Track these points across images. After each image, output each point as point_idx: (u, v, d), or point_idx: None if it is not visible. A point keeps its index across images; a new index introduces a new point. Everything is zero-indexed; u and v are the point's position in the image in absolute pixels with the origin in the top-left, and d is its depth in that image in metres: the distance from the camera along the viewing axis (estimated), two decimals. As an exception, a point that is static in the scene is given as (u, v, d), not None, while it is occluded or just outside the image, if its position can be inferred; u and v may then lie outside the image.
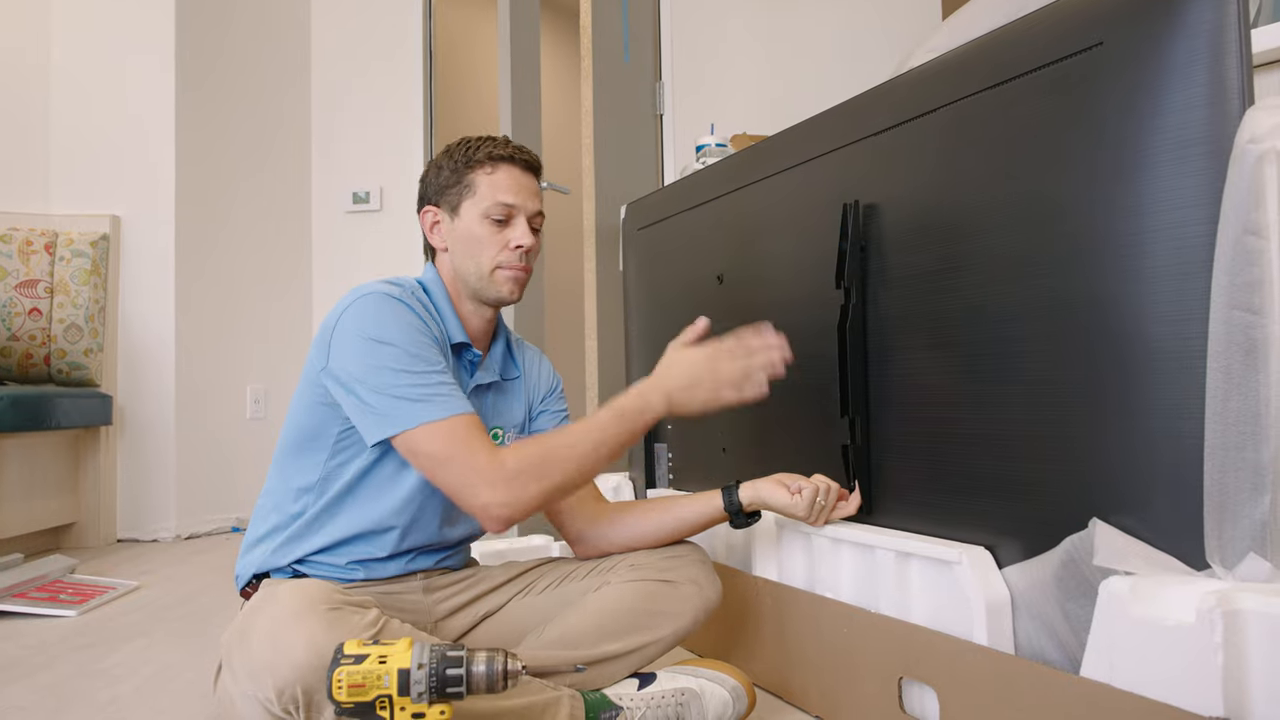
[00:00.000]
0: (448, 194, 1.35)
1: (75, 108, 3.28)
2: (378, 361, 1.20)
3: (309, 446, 1.29)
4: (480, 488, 1.17)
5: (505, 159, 1.34)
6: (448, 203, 1.35)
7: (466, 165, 1.34)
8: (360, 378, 1.20)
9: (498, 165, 1.33)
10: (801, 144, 1.52)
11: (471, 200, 1.33)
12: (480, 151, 1.34)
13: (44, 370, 3.01)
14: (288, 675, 0.99)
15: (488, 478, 1.17)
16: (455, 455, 1.18)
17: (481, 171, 1.33)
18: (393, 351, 1.20)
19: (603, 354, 3.18)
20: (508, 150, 1.34)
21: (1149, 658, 0.89)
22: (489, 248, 1.32)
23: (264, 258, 3.66)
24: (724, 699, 1.27)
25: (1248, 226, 0.87)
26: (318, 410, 1.27)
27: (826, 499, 1.36)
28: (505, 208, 1.32)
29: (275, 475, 1.33)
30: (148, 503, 3.22)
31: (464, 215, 1.33)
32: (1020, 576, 1.09)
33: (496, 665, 0.93)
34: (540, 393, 1.49)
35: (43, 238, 3.04)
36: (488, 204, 1.32)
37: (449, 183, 1.35)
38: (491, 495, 1.17)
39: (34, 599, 2.12)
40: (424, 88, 3.79)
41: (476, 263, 1.33)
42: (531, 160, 1.37)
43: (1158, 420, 0.94)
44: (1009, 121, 1.12)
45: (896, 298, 1.30)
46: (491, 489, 1.17)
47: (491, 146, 1.34)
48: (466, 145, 1.35)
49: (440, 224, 1.37)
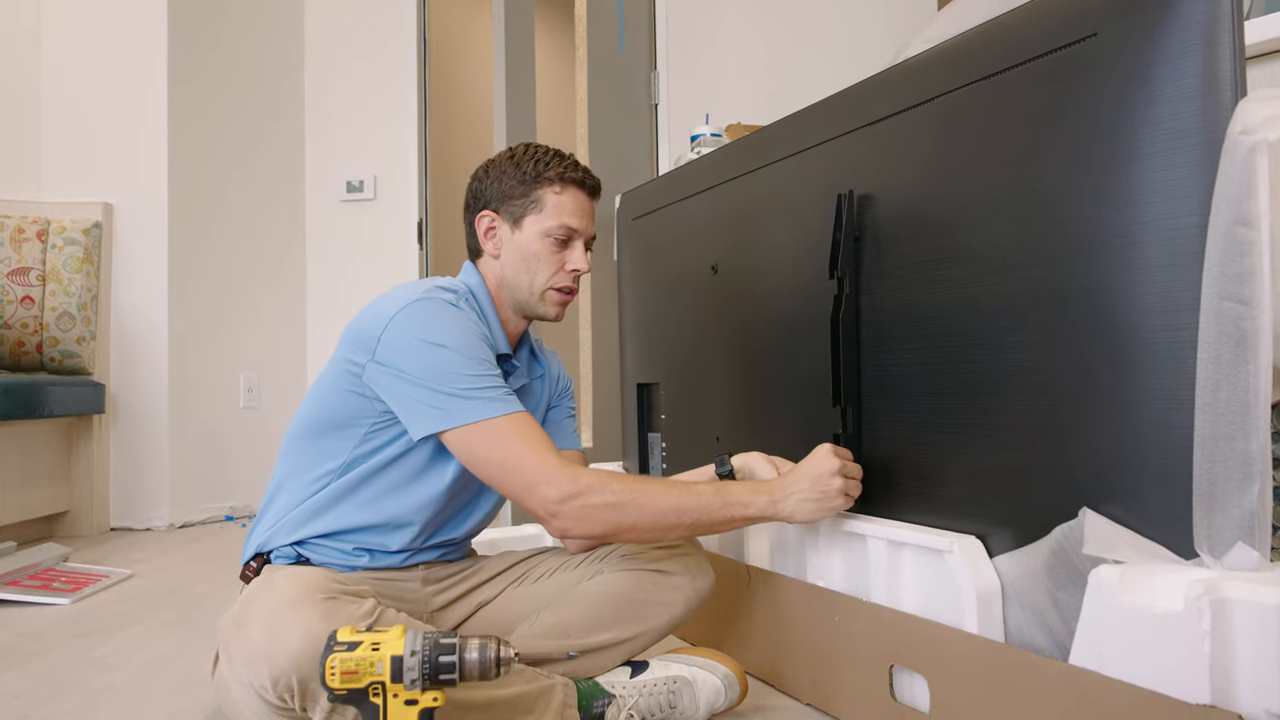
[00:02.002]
0: (511, 204, 1.33)
1: (68, 96, 3.26)
2: (436, 363, 1.18)
3: (338, 433, 1.27)
4: (551, 488, 1.14)
5: (576, 182, 1.33)
6: (509, 212, 1.33)
7: (536, 180, 1.32)
8: (414, 377, 1.18)
9: (567, 187, 1.32)
10: (796, 134, 1.52)
11: (536, 216, 1.32)
12: (552, 169, 1.32)
13: (36, 358, 3.00)
14: (283, 664, 1.00)
15: (559, 482, 1.14)
16: (523, 455, 1.16)
17: (551, 190, 1.32)
18: (450, 355, 1.18)
19: (597, 343, 3.18)
20: (579, 174, 1.33)
21: (1137, 646, 0.89)
22: (546, 266, 1.32)
23: (257, 246, 3.65)
24: (716, 687, 1.28)
25: (1239, 218, 0.87)
26: (351, 399, 1.25)
27: None
28: (569, 230, 1.31)
29: (292, 456, 1.31)
30: (141, 491, 3.21)
31: (526, 229, 1.32)
32: (1011, 565, 1.10)
33: (489, 652, 0.94)
34: (556, 391, 1.50)
35: (35, 225, 3.03)
36: (552, 224, 1.31)
37: (514, 193, 1.33)
38: (560, 503, 1.14)
39: (27, 587, 2.12)
40: (418, 76, 3.78)
41: (530, 279, 1.32)
42: (597, 186, 1.36)
43: (1148, 411, 0.95)
44: (1003, 112, 1.12)
45: (889, 288, 1.30)
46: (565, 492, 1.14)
47: (562, 167, 1.33)
48: (536, 158, 1.33)
49: (497, 231, 1.35)
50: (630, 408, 2.08)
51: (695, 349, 1.81)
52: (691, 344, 1.80)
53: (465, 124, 4.67)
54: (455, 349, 1.18)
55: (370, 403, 1.24)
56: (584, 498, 1.14)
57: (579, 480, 1.14)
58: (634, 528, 1.17)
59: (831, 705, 1.32)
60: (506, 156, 1.35)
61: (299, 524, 1.28)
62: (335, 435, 1.27)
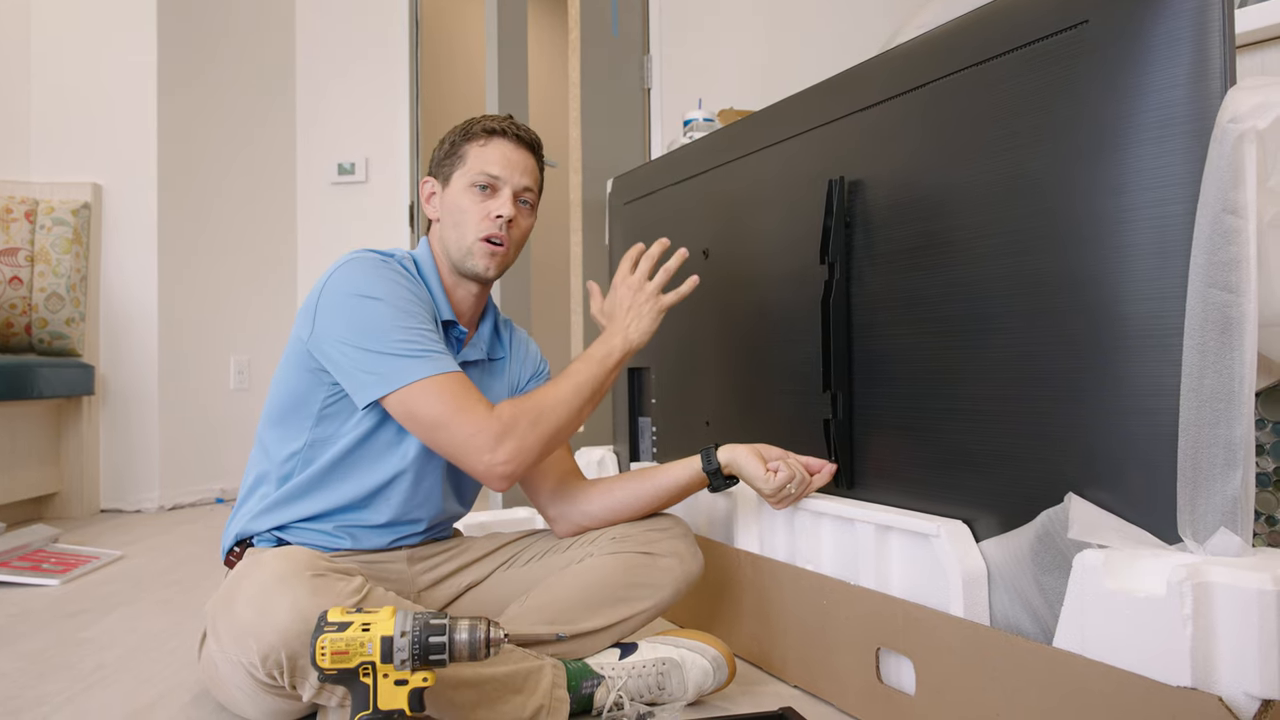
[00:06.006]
0: (443, 165, 1.37)
1: (56, 75, 3.23)
2: (366, 317, 1.21)
3: (294, 414, 1.29)
4: (482, 445, 1.18)
5: (499, 132, 1.34)
6: (442, 174, 1.37)
7: (464, 138, 1.35)
8: (348, 337, 1.21)
9: (490, 138, 1.34)
10: (788, 119, 1.52)
11: (461, 170, 1.34)
12: (477, 125, 1.35)
13: (25, 339, 2.98)
14: (272, 640, 1.00)
15: (487, 434, 1.18)
16: (452, 414, 1.19)
17: (475, 144, 1.34)
18: (381, 307, 1.21)
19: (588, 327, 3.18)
20: (502, 124, 1.35)
21: (1120, 629, 0.90)
22: (472, 217, 1.32)
23: (248, 228, 3.63)
24: (705, 669, 1.28)
25: (1226, 205, 0.88)
26: (304, 377, 1.28)
27: (796, 489, 1.35)
28: (489, 178, 1.32)
29: (261, 442, 1.34)
30: (131, 473, 3.21)
31: (453, 185, 1.35)
32: (997, 549, 1.11)
33: (479, 633, 0.94)
34: (526, 374, 1.49)
35: (23, 205, 3.01)
36: (474, 173, 1.32)
37: (445, 156, 1.37)
38: (494, 451, 1.19)
39: (16, 568, 2.12)
40: (410, 58, 3.75)
41: (460, 233, 1.33)
42: (526, 135, 1.37)
43: (1133, 397, 0.95)
44: (994, 98, 1.12)
45: (880, 274, 1.31)
46: (493, 444, 1.19)
47: (490, 121, 1.35)
48: (469, 121, 1.37)
49: (435, 195, 1.38)
50: (620, 392, 2.09)
51: (686, 333, 1.82)
52: (682, 328, 1.81)
53: (457, 107, 4.65)
54: (386, 300, 1.22)
55: (318, 376, 1.27)
56: (512, 432, 1.20)
57: (502, 418, 1.20)
58: (558, 430, 1.24)
59: (819, 687, 1.34)
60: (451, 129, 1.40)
61: (277, 508, 1.29)
62: (294, 416, 1.30)
